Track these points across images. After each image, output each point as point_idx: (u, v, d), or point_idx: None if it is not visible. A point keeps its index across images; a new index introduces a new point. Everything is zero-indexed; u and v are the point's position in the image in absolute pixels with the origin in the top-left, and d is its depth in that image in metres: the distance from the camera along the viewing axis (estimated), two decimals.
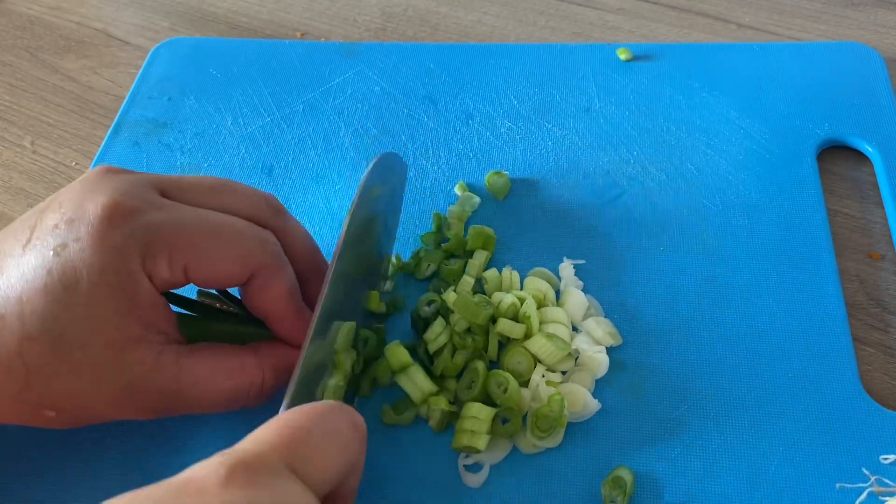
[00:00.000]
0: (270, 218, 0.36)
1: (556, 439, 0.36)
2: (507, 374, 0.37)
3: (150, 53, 0.57)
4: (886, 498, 0.32)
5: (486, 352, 0.38)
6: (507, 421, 0.36)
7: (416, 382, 0.37)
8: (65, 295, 0.30)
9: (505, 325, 0.38)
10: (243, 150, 0.50)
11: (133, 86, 0.55)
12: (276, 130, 0.51)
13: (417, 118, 0.51)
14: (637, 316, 0.41)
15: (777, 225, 0.44)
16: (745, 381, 0.38)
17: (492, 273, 0.42)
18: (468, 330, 0.39)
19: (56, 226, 0.31)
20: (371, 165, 0.38)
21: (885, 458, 0.34)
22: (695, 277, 0.42)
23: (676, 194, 0.46)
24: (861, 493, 0.33)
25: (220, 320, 0.37)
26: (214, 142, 0.51)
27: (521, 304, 0.40)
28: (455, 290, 0.40)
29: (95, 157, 0.50)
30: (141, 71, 0.56)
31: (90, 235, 0.31)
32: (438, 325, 0.38)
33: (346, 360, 0.35)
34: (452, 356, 0.38)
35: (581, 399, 0.37)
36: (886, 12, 0.59)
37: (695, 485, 0.35)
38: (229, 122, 0.52)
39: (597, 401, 0.37)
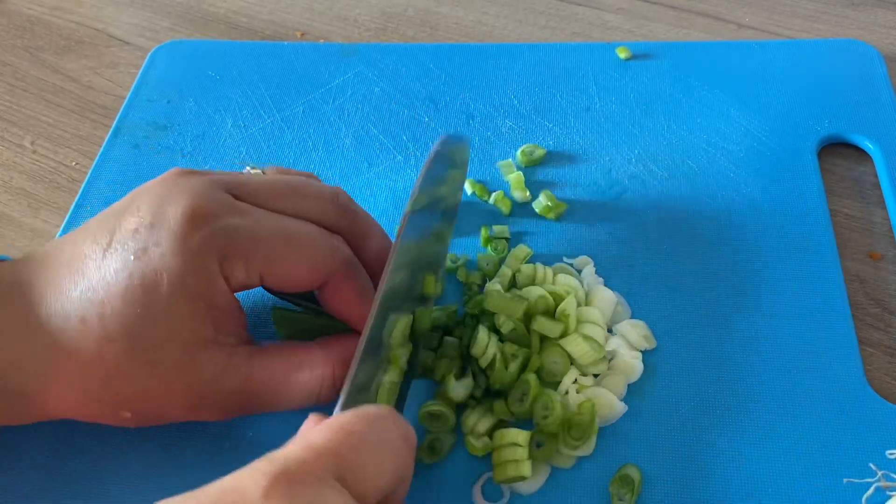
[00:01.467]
0: (339, 219, 0.36)
1: (589, 446, 0.35)
2: (555, 398, 0.36)
3: (148, 56, 0.57)
4: (893, 493, 0.32)
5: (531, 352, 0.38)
6: (541, 445, 0.35)
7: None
8: (144, 298, 0.31)
9: (543, 324, 0.38)
10: (244, 152, 0.50)
11: (132, 88, 0.55)
12: (277, 132, 0.51)
13: (418, 118, 0.51)
14: (638, 315, 0.41)
15: (779, 222, 0.44)
16: (749, 379, 0.38)
17: (526, 267, 0.41)
18: (512, 329, 0.38)
19: (136, 230, 0.32)
20: (434, 149, 0.38)
21: (892, 453, 0.34)
22: (697, 276, 0.42)
23: (678, 192, 0.46)
24: (868, 488, 0.33)
25: (319, 314, 0.38)
26: (215, 144, 0.51)
27: (554, 300, 0.39)
28: (497, 283, 0.40)
29: (95, 163, 0.50)
30: (140, 73, 0.56)
31: (170, 240, 0.31)
32: (483, 335, 0.37)
33: (401, 356, 0.35)
34: (506, 367, 0.37)
35: (608, 403, 0.36)
36: (886, 12, 0.59)
37: (702, 481, 0.35)
38: (229, 125, 0.52)
39: (623, 404, 0.37)
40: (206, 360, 0.32)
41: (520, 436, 0.35)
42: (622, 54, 0.54)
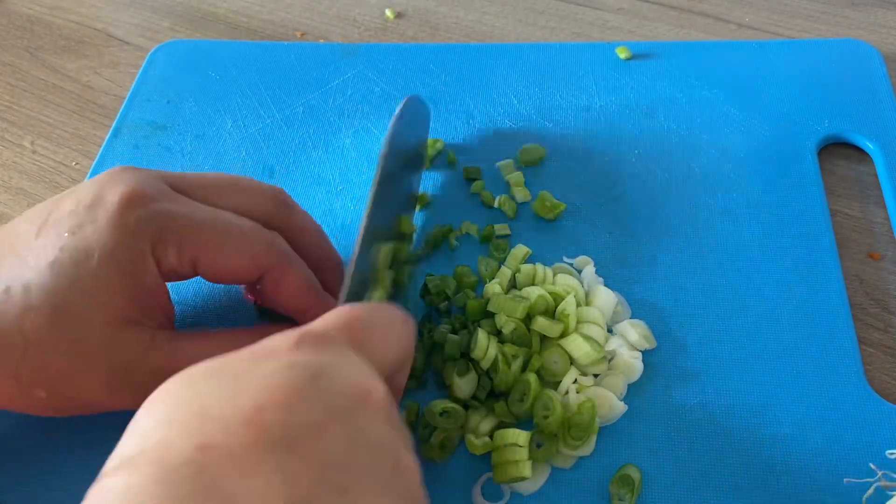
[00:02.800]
0: (277, 215, 0.38)
1: (589, 447, 0.35)
2: (555, 398, 0.36)
3: (148, 56, 0.57)
4: (894, 493, 0.32)
5: (532, 352, 0.38)
6: (541, 445, 0.35)
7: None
8: (73, 270, 0.31)
9: (542, 324, 0.38)
10: (244, 153, 0.50)
11: (131, 89, 0.55)
12: (277, 132, 0.51)
13: None
14: (638, 315, 0.41)
15: (779, 222, 0.44)
16: (749, 379, 0.38)
17: (525, 267, 0.41)
18: (514, 330, 0.38)
19: (73, 211, 0.33)
20: (399, 109, 0.41)
21: (892, 453, 0.34)
22: (697, 276, 0.42)
23: (678, 192, 0.46)
24: (868, 488, 0.33)
25: None
26: (214, 144, 0.51)
27: (554, 300, 0.39)
28: (497, 284, 0.41)
29: (95, 162, 0.50)
30: (139, 74, 0.56)
31: (105, 217, 0.32)
32: (482, 337, 0.38)
33: (386, 277, 0.37)
34: (510, 367, 0.37)
35: (608, 403, 0.36)
36: (886, 12, 0.59)
37: (702, 481, 0.35)
38: (229, 125, 0.52)
39: (623, 404, 0.37)
40: (130, 337, 0.32)
41: (520, 436, 0.35)
42: (622, 54, 0.54)
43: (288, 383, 0.23)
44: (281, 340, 0.25)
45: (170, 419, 0.22)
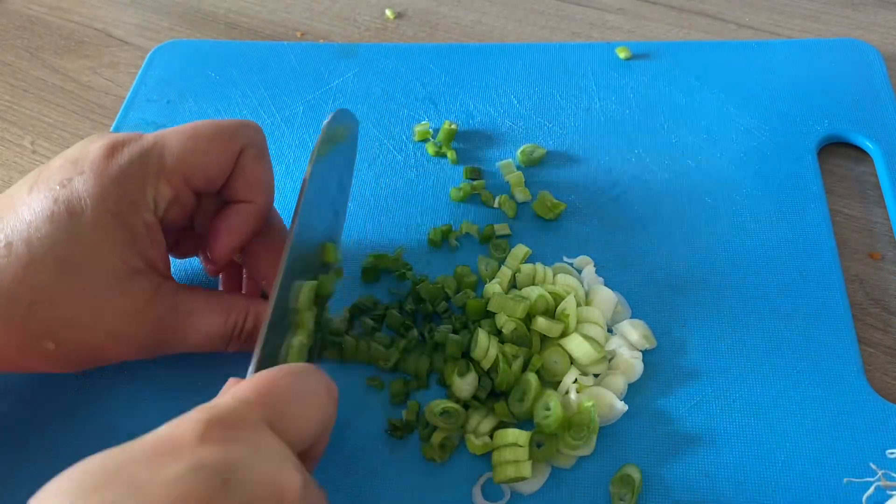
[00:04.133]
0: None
1: (589, 447, 0.36)
2: (555, 398, 0.36)
3: (147, 56, 0.57)
4: (894, 492, 0.32)
5: (532, 352, 0.38)
6: (541, 445, 0.35)
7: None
8: (70, 221, 0.32)
9: (542, 324, 0.38)
10: None
11: (131, 89, 0.55)
12: (277, 132, 0.51)
13: (418, 118, 0.51)
14: (638, 315, 0.41)
15: (779, 221, 0.44)
16: (749, 379, 0.38)
17: (526, 267, 0.42)
18: (514, 330, 0.38)
19: (61, 166, 0.33)
20: (325, 123, 0.39)
21: (892, 453, 0.34)
22: (697, 276, 0.42)
23: (678, 192, 0.46)
24: (868, 488, 0.33)
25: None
26: None
27: (554, 300, 0.39)
28: (497, 284, 0.41)
29: None
30: (139, 74, 0.56)
31: (91, 168, 0.33)
32: (483, 338, 0.38)
33: (308, 319, 0.36)
34: (510, 367, 0.37)
35: (608, 403, 0.37)
36: (886, 12, 0.59)
37: (702, 481, 0.35)
38: None
39: (623, 404, 0.37)
40: (135, 286, 0.33)
41: (520, 436, 0.35)
42: (622, 54, 0.54)
43: (195, 494, 0.21)
44: (185, 430, 0.23)
45: None
